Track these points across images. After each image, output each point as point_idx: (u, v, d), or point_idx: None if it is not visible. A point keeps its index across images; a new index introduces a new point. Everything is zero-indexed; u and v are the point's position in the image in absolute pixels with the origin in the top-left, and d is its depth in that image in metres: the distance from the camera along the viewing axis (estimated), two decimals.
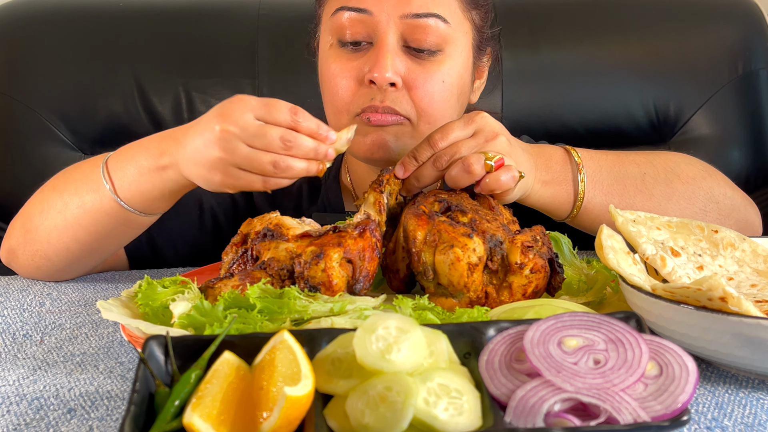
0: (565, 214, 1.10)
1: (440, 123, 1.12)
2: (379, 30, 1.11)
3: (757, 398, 0.71)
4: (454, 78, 1.14)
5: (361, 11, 1.11)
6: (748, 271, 0.90)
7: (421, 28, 1.11)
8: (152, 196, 1.05)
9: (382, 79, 1.08)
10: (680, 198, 1.13)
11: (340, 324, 0.76)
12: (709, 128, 1.64)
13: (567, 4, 1.72)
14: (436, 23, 1.12)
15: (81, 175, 1.10)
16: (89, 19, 1.66)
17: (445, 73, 1.14)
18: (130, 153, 1.07)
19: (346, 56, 1.14)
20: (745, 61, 1.65)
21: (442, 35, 1.12)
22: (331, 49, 1.16)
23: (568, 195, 1.09)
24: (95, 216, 1.08)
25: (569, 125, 1.64)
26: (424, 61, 1.12)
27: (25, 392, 0.75)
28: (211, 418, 0.55)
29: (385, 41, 1.10)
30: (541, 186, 1.07)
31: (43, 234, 1.11)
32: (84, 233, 1.09)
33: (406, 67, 1.11)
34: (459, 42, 1.16)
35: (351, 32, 1.13)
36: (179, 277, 0.91)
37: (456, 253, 0.84)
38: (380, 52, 1.10)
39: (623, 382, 0.57)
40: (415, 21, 1.10)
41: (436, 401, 0.56)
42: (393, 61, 1.10)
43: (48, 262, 1.14)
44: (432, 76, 1.12)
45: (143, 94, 1.61)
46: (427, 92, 1.11)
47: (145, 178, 1.04)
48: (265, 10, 1.68)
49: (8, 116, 1.60)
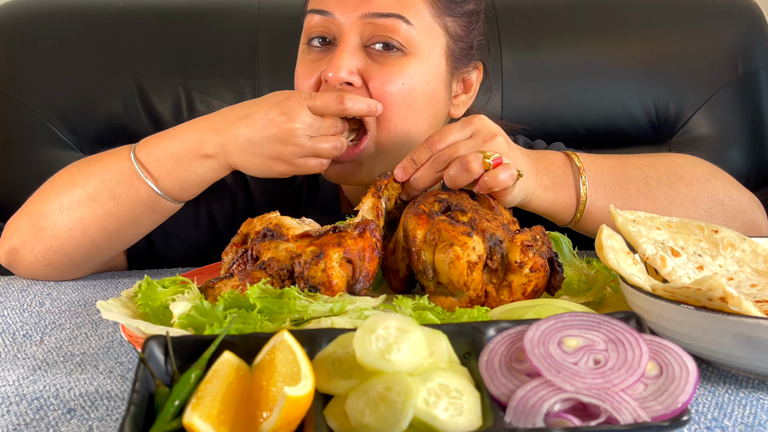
0: (567, 218, 1.09)
1: (401, 130, 1.14)
2: (341, 31, 1.13)
3: (757, 398, 0.71)
4: (417, 81, 1.13)
5: (323, 13, 1.14)
6: (748, 271, 0.90)
7: (382, 27, 1.12)
8: (192, 184, 1.11)
9: (335, 78, 1.10)
10: (684, 200, 1.12)
11: (340, 324, 0.76)
12: (709, 128, 1.64)
13: (567, 4, 1.72)
14: (396, 23, 1.12)
15: (104, 168, 1.11)
16: (89, 19, 1.66)
17: (407, 75, 1.13)
18: (162, 145, 1.10)
19: (311, 57, 1.17)
20: (745, 61, 1.65)
21: (404, 36, 1.12)
22: (302, 51, 1.19)
23: (570, 199, 1.08)
24: (130, 206, 1.10)
25: (569, 125, 1.64)
26: (385, 60, 1.13)
27: (24, 392, 0.75)
28: (211, 418, 0.55)
29: (344, 41, 1.12)
30: (542, 191, 1.06)
31: (63, 229, 1.10)
32: (115, 223, 1.11)
33: (364, 65, 1.12)
34: (426, 46, 1.15)
35: (317, 32, 1.16)
36: (179, 277, 0.91)
37: (456, 252, 0.84)
38: (337, 51, 1.12)
39: (623, 382, 0.57)
40: (376, 20, 1.12)
41: (436, 401, 0.56)
42: (348, 60, 1.11)
43: (64, 258, 1.13)
44: (391, 76, 1.12)
45: (143, 94, 1.61)
46: (384, 91, 1.11)
47: (185, 168, 1.08)
48: (265, 10, 1.68)
49: (8, 116, 1.60)
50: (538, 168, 1.06)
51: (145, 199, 1.09)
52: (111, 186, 1.09)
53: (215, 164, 1.08)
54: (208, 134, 1.07)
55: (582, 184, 1.08)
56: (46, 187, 1.15)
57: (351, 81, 1.11)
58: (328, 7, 1.14)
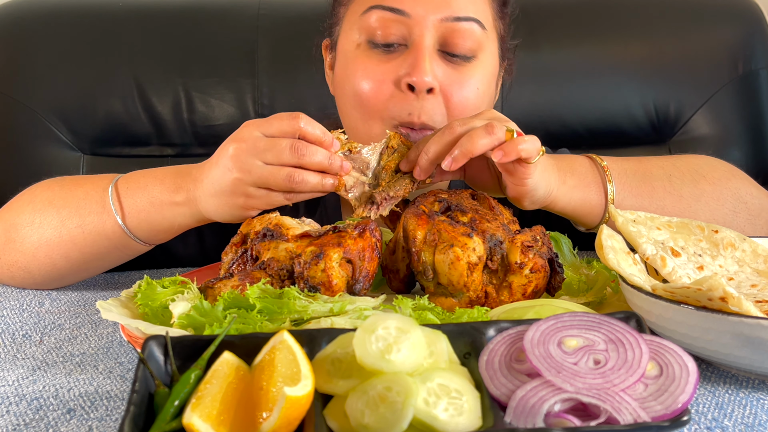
0: (596, 219, 1.06)
1: None
2: (416, 32, 1.07)
3: (758, 398, 0.71)
4: (485, 86, 1.12)
5: (397, 12, 1.08)
6: (749, 271, 0.90)
7: (460, 32, 1.08)
8: (160, 228, 1.05)
9: (421, 83, 1.05)
10: (709, 199, 1.10)
11: (340, 324, 0.76)
12: (709, 128, 1.63)
13: (567, 4, 1.72)
14: (473, 27, 1.09)
15: (84, 194, 1.07)
16: (89, 19, 1.65)
17: (479, 80, 1.11)
18: (143, 182, 1.05)
19: (377, 57, 1.10)
20: (745, 61, 1.65)
21: (478, 41, 1.10)
22: (359, 49, 1.12)
23: (599, 198, 1.05)
24: (94, 238, 1.06)
25: (569, 125, 1.64)
26: (460, 67, 1.10)
27: (24, 392, 0.75)
28: (210, 418, 0.55)
29: (422, 44, 1.07)
30: (568, 189, 1.03)
31: (29, 247, 1.08)
32: (77, 253, 1.07)
33: (443, 72, 1.08)
34: (490, 50, 1.14)
35: (384, 33, 1.09)
36: (179, 278, 0.91)
37: (456, 253, 0.84)
38: (419, 55, 1.06)
39: (623, 383, 0.57)
40: (454, 24, 1.07)
41: (436, 401, 0.56)
42: (432, 65, 1.06)
43: (26, 275, 1.10)
44: (467, 83, 1.10)
45: (143, 94, 1.61)
46: (461, 100, 1.08)
47: (156, 210, 1.03)
48: (265, 10, 1.68)
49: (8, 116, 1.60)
50: (561, 167, 1.04)
51: (110, 234, 1.05)
52: (82, 214, 1.06)
53: (186, 211, 1.02)
54: (186, 181, 1.02)
55: (609, 182, 1.05)
56: (26, 197, 1.12)
57: (433, 86, 1.06)
58: (402, 5, 1.08)
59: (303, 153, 0.93)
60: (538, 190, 0.98)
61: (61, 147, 1.60)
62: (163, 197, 1.03)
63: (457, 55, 1.09)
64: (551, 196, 1.01)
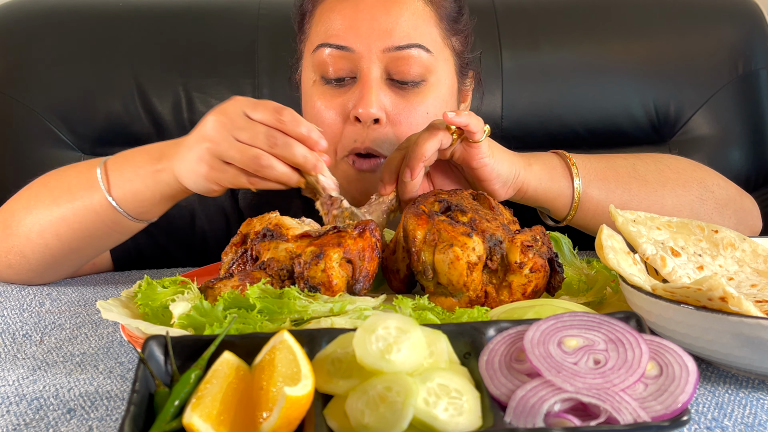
0: (566, 205, 1.09)
1: None
2: (362, 65, 1.11)
3: (757, 398, 0.71)
4: (438, 108, 1.14)
5: (342, 48, 1.11)
6: (748, 271, 0.90)
7: (404, 59, 1.10)
8: (144, 198, 1.04)
9: (366, 115, 1.08)
10: (674, 185, 1.13)
11: (340, 324, 0.76)
12: (709, 128, 1.63)
13: (567, 4, 1.72)
14: (419, 53, 1.11)
15: (76, 173, 1.09)
16: (89, 19, 1.65)
17: (429, 104, 1.13)
18: (130, 155, 1.06)
19: (330, 92, 1.14)
20: (745, 61, 1.65)
21: (425, 65, 1.12)
22: (315, 86, 1.16)
23: (566, 182, 1.08)
24: (84, 214, 1.06)
25: (569, 125, 1.63)
26: (408, 93, 1.12)
27: (24, 392, 0.75)
28: (210, 418, 0.55)
29: (368, 76, 1.10)
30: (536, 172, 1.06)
31: (23, 229, 1.09)
32: (68, 231, 1.08)
33: (390, 101, 1.11)
34: (441, 70, 1.15)
35: (334, 69, 1.12)
36: (179, 278, 0.91)
37: (455, 252, 0.84)
38: (364, 87, 1.10)
39: (623, 382, 0.57)
40: (397, 53, 1.10)
41: (436, 401, 0.56)
42: (377, 97, 1.09)
43: (22, 259, 1.11)
44: (416, 109, 1.12)
45: (143, 94, 1.61)
46: (410, 126, 1.11)
47: (140, 179, 1.03)
48: (265, 10, 1.68)
49: (8, 116, 1.60)
50: (522, 155, 1.07)
51: (98, 209, 1.06)
52: (73, 191, 1.07)
53: (165, 177, 1.02)
54: (169, 147, 1.03)
55: (573, 166, 1.08)
56: (25, 187, 1.14)
57: (380, 117, 1.09)
58: (346, 42, 1.10)
59: (276, 143, 0.93)
60: (502, 171, 1.01)
61: (61, 147, 1.60)
62: (147, 166, 1.03)
63: (405, 82, 1.12)
64: (519, 177, 1.04)
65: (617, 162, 1.13)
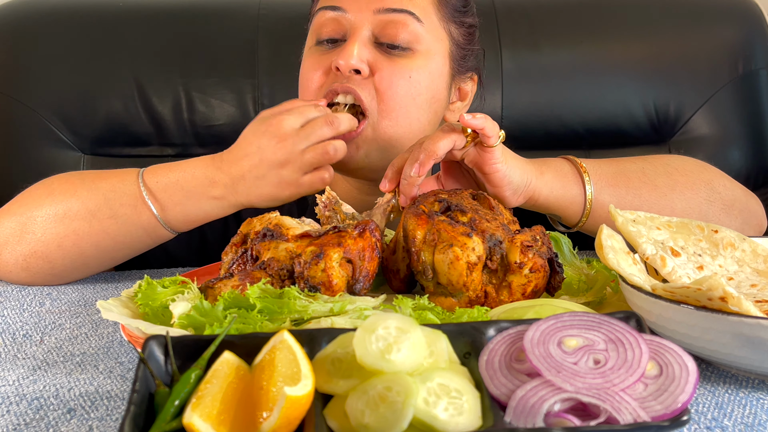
0: (578, 212, 1.08)
1: (401, 120, 1.15)
2: (353, 26, 1.14)
3: (757, 398, 0.71)
4: (423, 77, 1.15)
5: (335, 9, 1.15)
6: (748, 271, 0.90)
7: (393, 23, 1.13)
8: (196, 219, 1.11)
9: (346, 65, 1.11)
10: (683, 188, 1.12)
11: (340, 324, 0.76)
12: (709, 128, 1.64)
13: (567, 4, 1.72)
14: (409, 20, 1.14)
15: (110, 187, 1.10)
16: (89, 19, 1.65)
17: (414, 71, 1.15)
18: (173, 176, 1.10)
19: (319, 53, 1.17)
20: (745, 61, 1.65)
21: (413, 33, 1.14)
22: (310, 50, 1.19)
23: (578, 189, 1.07)
24: (129, 229, 1.10)
25: (569, 125, 1.63)
26: (394, 57, 1.14)
27: (24, 392, 0.75)
28: (210, 418, 0.55)
29: (356, 33, 1.13)
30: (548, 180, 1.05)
31: (51, 237, 1.09)
32: (110, 242, 1.11)
33: (374, 58, 1.13)
34: (432, 46, 1.17)
35: (327, 30, 1.16)
36: (179, 277, 0.91)
37: (455, 253, 0.84)
38: (349, 42, 1.13)
39: (623, 382, 0.57)
40: (388, 16, 1.13)
41: (436, 401, 0.56)
42: (360, 50, 1.12)
43: (46, 264, 1.11)
44: (399, 70, 1.14)
45: (143, 94, 1.60)
46: (391, 83, 1.12)
47: (194, 204, 1.09)
48: (265, 10, 1.68)
49: (8, 116, 1.60)
50: (534, 162, 1.06)
51: (146, 225, 1.10)
52: (113, 206, 1.09)
53: (224, 204, 1.09)
54: (218, 174, 1.08)
55: (584, 173, 1.07)
56: (41, 191, 1.13)
57: (360, 68, 1.12)
58: (340, 3, 1.15)
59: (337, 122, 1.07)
60: (513, 178, 1.00)
61: (61, 147, 1.60)
62: (199, 191, 1.08)
63: (393, 46, 1.14)
64: (531, 186, 1.03)
65: (627, 167, 1.13)
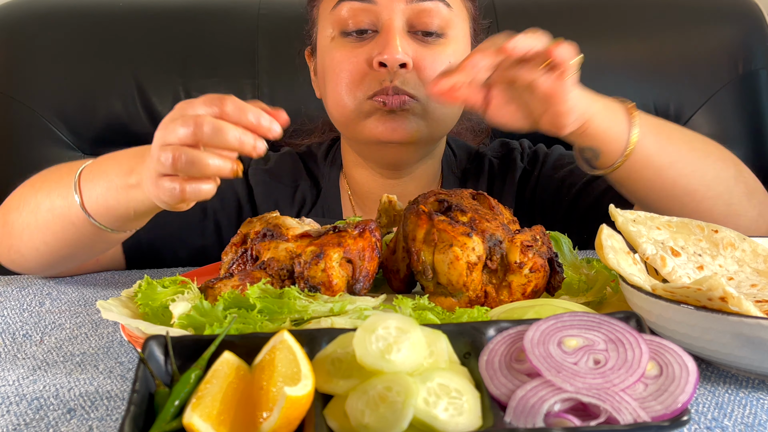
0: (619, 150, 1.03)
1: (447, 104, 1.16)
2: (384, 17, 1.14)
3: (757, 398, 0.71)
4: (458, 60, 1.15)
5: (365, 1, 1.14)
6: (748, 271, 0.90)
7: (426, 12, 1.14)
8: (118, 214, 0.99)
9: (392, 60, 1.11)
10: (716, 159, 1.11)
11: (340, 324, 0.76)
12: (709, 128, 1.64)
13: (567, 4, 1.72)
14: (440, 7, 1.15)
15: (57, 177, 1.06)
16: (89, 19, 1.66)
17: (451, 55, 1.16)
18: (104, 166, 1.01)
19: (350, 44, 1.16)
20: (745, 61, 1.65)
21: (445, 19, 1.16)
22: (333, 41, 1.18)
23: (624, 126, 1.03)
24: (63, 224, 1.03)
25: None
26: (430, 44, 1.15)
27: (24, 392, 0.75)
28: (210, 418, 0.55)
29: (392, 25, 1.13)
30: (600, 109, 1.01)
31: (17, 230, 1.08)
32: (52, 238, 1.06)
33: (413, 50, 1.14)
34: (459, 27, 1.19)
35: (355, 22, 1.15)
36: (179, 277, 0.91)
37: (455, 252, 0.84)
38: (389, 35, 1.12)
39: (623, 382, 0.57)
40: (419, 5, 1.14)
41: (436, 401, 0.56)
42: (402, 43, 1.12)
43: (22, 259, 1.11)
44: (439, 57, 1.15)
45: (143, 94, 1.61)
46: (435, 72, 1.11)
47: (112, 195, 0.98)
48: (265, 10, 1.68)
49: (8, 116, 1.60)
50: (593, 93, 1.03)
51: (75, 220, 1.02)
52: (52, 197, 1.04)
53: (138, 195, 0.94)
54: (137, 162, 0.95)
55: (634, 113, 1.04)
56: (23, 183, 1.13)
57: (406, 62, 1.12)
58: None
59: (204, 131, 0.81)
60: (580, 103, 0.97)
61: (61, 147, 1.60)
62: (118, 181, 0.97)
63: (429, 33, 1.15)
64: (588, 112, 0.99)
65: (669, 124, 1.11)
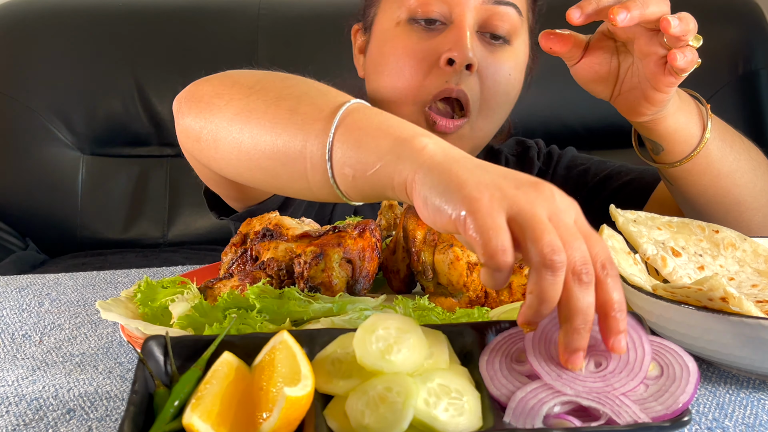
0: (684, 151, 1.01)
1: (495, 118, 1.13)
2: (457, 12, 1.10)
3: (758, 398, 0.71)
4: (517, 73, 1.14)
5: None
6: (749, 271, 0.90)
7: (499, 15, 1.11)
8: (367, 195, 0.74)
9: (463, 58, 1.07)
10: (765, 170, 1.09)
11: (340, 324, 0.76)
12: None
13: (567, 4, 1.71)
14: (511, 12, 1.12)
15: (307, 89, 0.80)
16: (89, 19, 1.66)
17: (512, 67, 1.14)
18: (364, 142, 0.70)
19: (417, 35, 1.12)
20: (745, 61, 1.65)
21: (515, 26, 1.13)
22: (399, 26, 1.14)
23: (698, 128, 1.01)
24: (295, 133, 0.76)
25: (569, 125, 1.64)
26: (496, 50, 1.12)
27: (24, 392, 0.75)
28: (210, 418, 0.55)
29: (464, 22, 1.10)
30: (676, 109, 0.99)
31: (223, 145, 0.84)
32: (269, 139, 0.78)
33: (480, 53, 1.11)
34: (522, 39, 1.16)
35: (425, 10, 1.11)
36: (179, 278, 0.91)
37: (455, 253, 0.84)
38: (461, 32, 1.09)
39: (624, 386, 0.56)
40: (495, 7, 1.11)
41: (437, 402, 0.56)
42: (472, 44, 1.09)
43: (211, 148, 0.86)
44: (501, 66, 1.12)
45: (143, 94, 1.61)
46: (495, 82, 1.11)
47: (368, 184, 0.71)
48: (265, 10, 1.68)
49: (8, 116, 1.60)
50: None
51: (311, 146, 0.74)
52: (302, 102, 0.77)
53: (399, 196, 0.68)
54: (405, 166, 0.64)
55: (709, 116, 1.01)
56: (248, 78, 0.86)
57: (473, 63, 1.08)
58: None
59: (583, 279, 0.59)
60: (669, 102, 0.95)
61: (61, 147, 1.60)
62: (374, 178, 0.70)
63: (495, 37, 1.12)
64: (665, 110, 0.98)
65: (731, 129, 1.08)
